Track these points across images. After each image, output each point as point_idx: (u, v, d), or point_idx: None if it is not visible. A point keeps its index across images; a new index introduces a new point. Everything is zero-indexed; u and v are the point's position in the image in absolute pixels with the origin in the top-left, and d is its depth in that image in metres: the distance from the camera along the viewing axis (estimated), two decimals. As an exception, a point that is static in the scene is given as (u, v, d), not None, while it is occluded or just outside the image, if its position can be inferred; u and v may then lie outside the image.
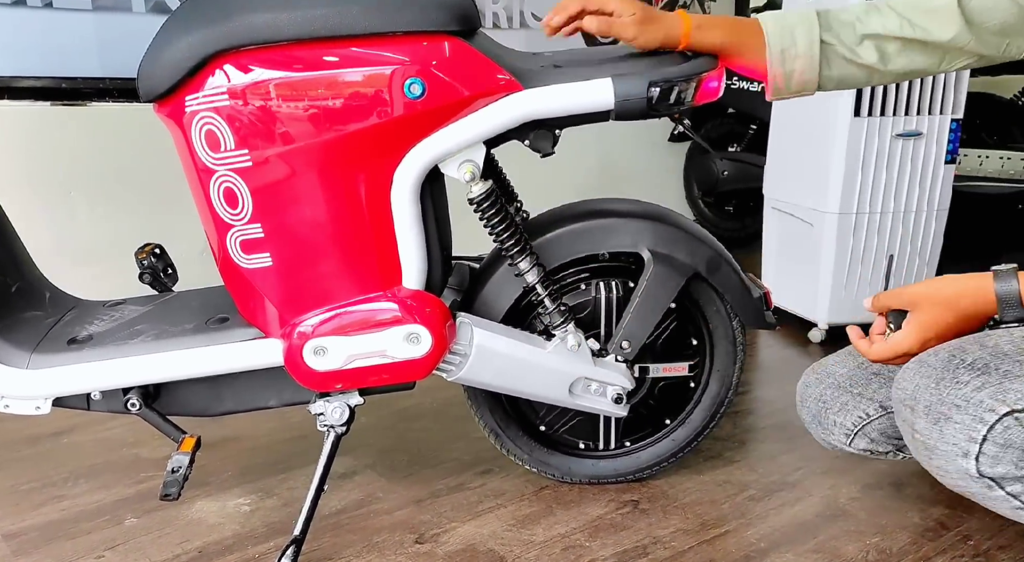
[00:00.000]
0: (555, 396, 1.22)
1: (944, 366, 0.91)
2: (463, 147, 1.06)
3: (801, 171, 2.06)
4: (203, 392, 1.17)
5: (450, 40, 1.01)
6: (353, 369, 1.10)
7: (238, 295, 1.14)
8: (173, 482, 1.11)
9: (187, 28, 0.98)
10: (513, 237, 1.14)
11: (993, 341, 0.92)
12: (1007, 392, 0.86)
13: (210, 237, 1.11)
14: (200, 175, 1.04)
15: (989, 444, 0.86)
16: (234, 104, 0.99)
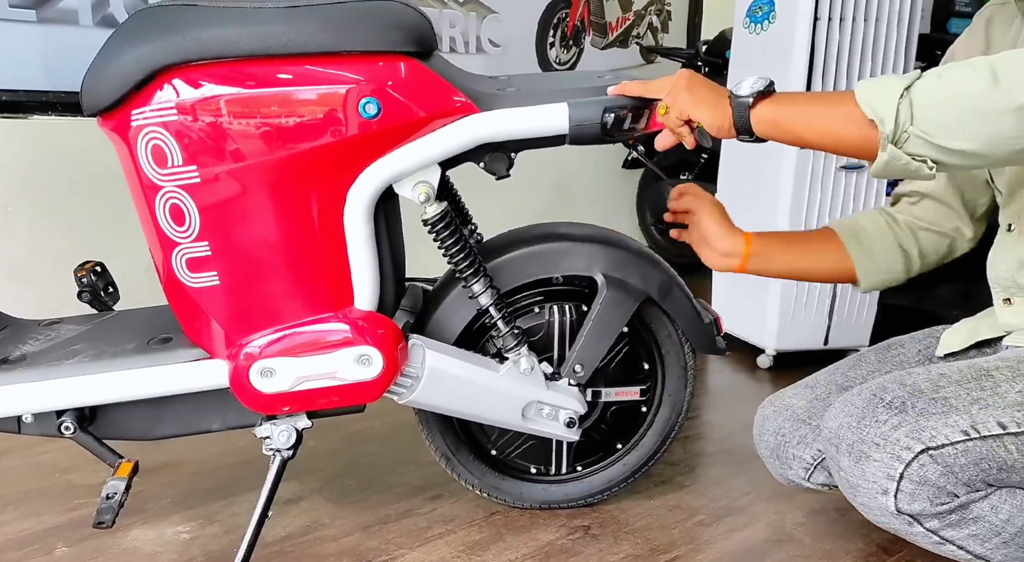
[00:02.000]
0: (507, 420, 1.21)
1: (865, 405, 0.94)
2: (418, 168, 1.05)
3: (751, 200, 2.11)
4: (143, 415, 1.13)
5: (406, 61, 1.01)
6: (302, 391, 1.07)
7: (182, 315, 1.11)
8: (107, 509, 1.06)
9: (135, 41, 0.96)
10: (467, 259, 1.14)
11: (912, 379, 0.95)
12: (922, 430, 0.89)
13: (154, 255, 1.08)
14: (145, 191, 1.01)
15: (906, 481, 0.89)
16: (183, 119, 0.97)
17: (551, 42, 2.91)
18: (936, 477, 0.90)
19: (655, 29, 3.20)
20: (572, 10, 2.93)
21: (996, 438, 0.89)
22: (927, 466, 0.90)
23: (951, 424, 0.90)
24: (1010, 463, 0.90)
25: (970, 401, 0.91)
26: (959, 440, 0.89)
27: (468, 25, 2.70)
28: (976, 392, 0.92)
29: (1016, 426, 0.89)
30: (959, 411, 0.90)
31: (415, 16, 1.01)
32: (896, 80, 0.82)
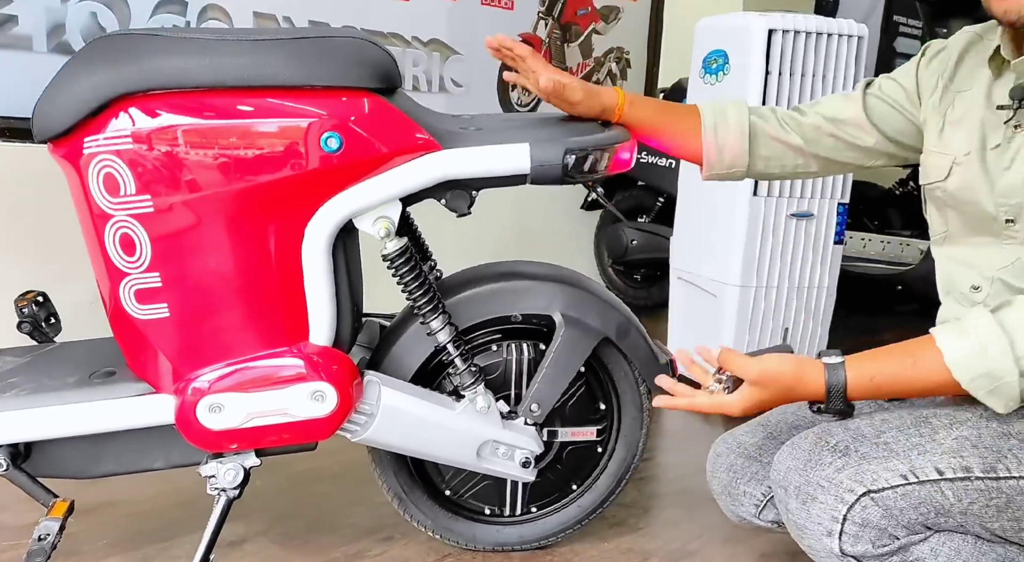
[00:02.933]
0: (463, 459, 1.19)
1: (812, 448, 0.96)
2: (379, 203, 1.04)
3: (705, 244, 2.15)
4: (81, 452, 1.08)
5: (370, 97, 1.01)
6: (251, 428, 1.04)
7: (128, 347, 1.07)
8: (39, 551, 1.00)
9: (93, 68, 0.94)
10: (426, 295, 1.13)
11: (856, 424, 0.98)
12: (864, 473, 0.91)
13: (101, 285, 1.05)
14: (95, 220, 0.99)
15: (849, 523, 0.91)
16: (138, 148, 0.95)
17: (513, 84, 2.96)
18: (877, 519, 0.92)
19: (614, 75, 3.28)
20: (534, 55, 2.99)
21: (933, 483, 0.91)
22: (868, 508, 0.92)
23: (891, 468, 0.92)
24: (947, 507, 0.92)
25: (909, 446, 0.93)
26: (898, 484, 0.91)
27: (431, 65, 2.73)
28: (915, 438, 0.94)
29: (952, 472, 0.91)
30: (899, 456, 0.93)
31: (379, 53, 1.02)
32: (1000, 357, 0.84)
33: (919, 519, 0.92)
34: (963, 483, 0.91)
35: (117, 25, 2.08)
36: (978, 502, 0.91)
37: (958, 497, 0.91)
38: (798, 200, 2.05)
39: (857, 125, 1.19)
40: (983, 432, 0.93)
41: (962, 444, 0.92)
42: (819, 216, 2.07)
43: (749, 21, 1.97)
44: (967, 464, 0.91)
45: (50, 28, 1.99)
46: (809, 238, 2.08)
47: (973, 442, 0.92)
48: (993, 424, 0.93)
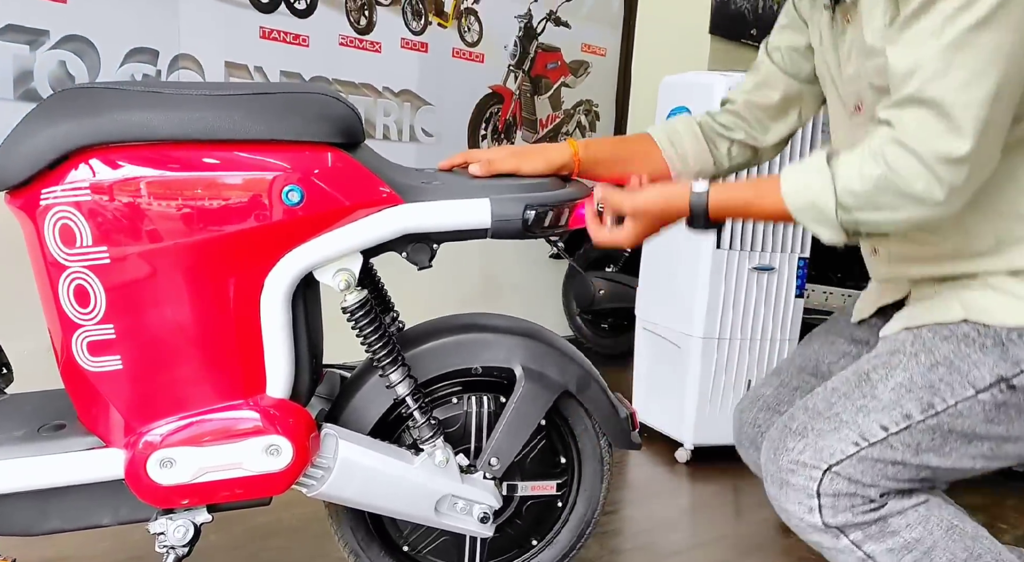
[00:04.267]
0: (421, 514, 1.17)
1: (779, 436, 1.03)
2: (339, 256, 1.05)
3: (670, 296, 2.18)
4: (26, 508, 1.04)
5: (332, 151, 1.02)
6: (203, 483, 1.02)
7: (79, 399, 1.06)
8: None
9: (53, 120, 0.95)
10: (385, 347, 1.13)
11: (813, 401, 1.04)
12: (822, 450, 0.98)
13: (54, 336, 1.03)
14: (49, 270, 0.98)
15: (824, 498, 0.97)
16: (97, 199, 0.95)
17: (483, 135, 3.01)
18: (846, 488, 0.97)
19: (583, 127, 3.36)
20: (504, 106, 3.06)
21: (882, 441, 0.96)
22: (835, 481, 0.97)
23: (843, 438, 0.97)
24: (899, 459, 0.97)
25: (855, 410, 0.99)
26: (853, 452, 0.97)
27: (403, 114, 2.78)
28: (860, 400, 0.99)
29: (895, 425, 0.96)
30: (848, 425, 0.98)
31: (342, 108, 1.04)
32: (822, 191, 0.93)
33: (881, 476, 0.97)
34: (907, 431, 0.96)
35: (86, 73, 2.09)
36: (924, 442, 0.96)
37: (906, 444, 0.96)
38: (759, 254, 2.09)
39: (776, 84, 1.26)
40: (914, 372, 0.97)
41: (899, 393, 0.97)
42: (780, 269, 2.12)
43: (712, 80, 2.04)
44: (907, 411, 0.96)
45: (17, 75, 2.00)
46: (771, 291, 2.12)
47: (907, 386, 0.97)
48: (921, 357, 0.98)
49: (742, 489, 2.06)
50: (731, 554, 1.64)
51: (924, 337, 0.99)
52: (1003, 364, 0.93)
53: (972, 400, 0.95)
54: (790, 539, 1.73)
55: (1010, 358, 0.93)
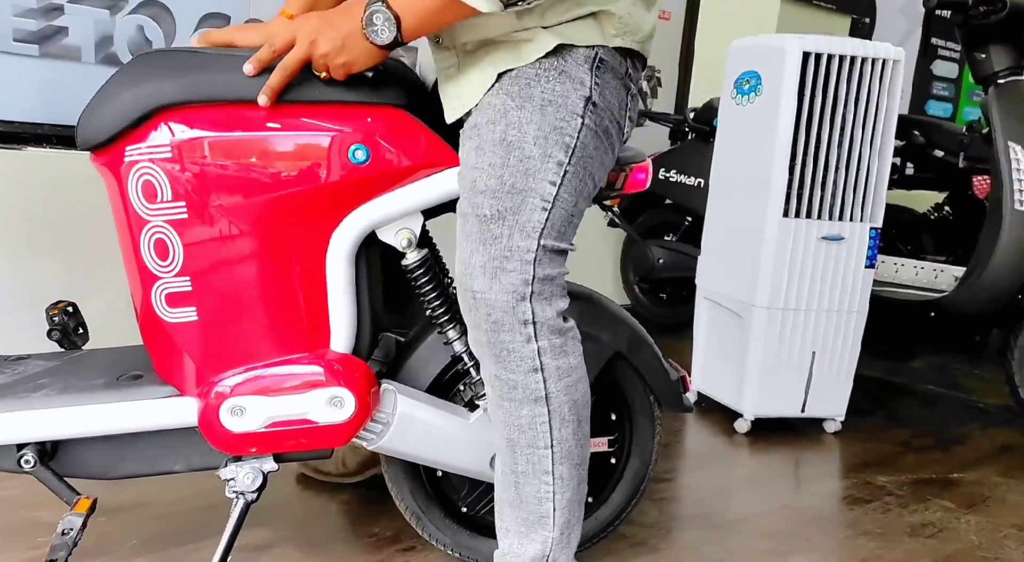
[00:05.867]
0: (476, 468, 1.20)
1: (479, 231, 1.00)
2: (401, 214, 1.08)
3: (733, 265, 2.13)
4: (105, 453, 1.11)
5: (396, 112, 1.06)
6: (271, 432, 1.07)
7: (156, 351, 1.11)
8: (61, 546, 1.03)
9: (136, 81, 1.00)
10: (444, 305, 1.16)
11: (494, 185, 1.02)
12: (525, 228, 0.99)
13: (133, 290, 1.09)
14: (131, 225, 1.03)
15: (536, 283, 0.99)
16: (176, 157, 1.00)
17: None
18: (550, 269, 1.01)
19: (644, 94, 3.29)
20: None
21: (558, 200, 1.01)
22: (542, 261, 1.00)
23: (534, 206, 1.00)
24: (571, 206, 1.02)
25: (526, 175, 0.99)
26: (544, 216, 1.00)
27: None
28: (522, 165, 0.99)
29: (556, 175, 1.00)
30: (530, 191, 0.99)
31: (406, 72, 1.08)
32: None
33: (572, 231, 1.04)
34: (566, 176, 1.01)
35: (163, 38, 2.15)
36: (573, 182, 1.02)
37: (568, 191, 1.01)
38: (828, 223, 2.02)
39: None
40: (542, 120, 0.99)
41: (544, 144, 0.99)
42: (850, 239, 2.05)
43: (784, 43, 1.96)
44: (557, 158, 0.99)
45: (98, 40, 2.06)
46: (839, 261, 2.05)
47: (545, 134, 0.98)
48: (541, 107, 0.99)
49: (804, 461, 2.03)
50: (793, 524, 1.62)
51: (510, 90, 0.99)
52: (578, 87, 0.99)
53: (583, 128, 1.00)
54: (855, 511, 1.70)
55: (575, 80, 0.99)
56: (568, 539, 1.10)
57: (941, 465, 2.02)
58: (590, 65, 1.01)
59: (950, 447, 2.17)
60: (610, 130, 1.06)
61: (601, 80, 1.02)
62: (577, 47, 1.00)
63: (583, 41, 1.00)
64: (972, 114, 4.74)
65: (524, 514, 1.08)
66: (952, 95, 4.74)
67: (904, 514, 1.70)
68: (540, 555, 1.09)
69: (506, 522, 1.11)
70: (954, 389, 2.77)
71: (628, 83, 1.08)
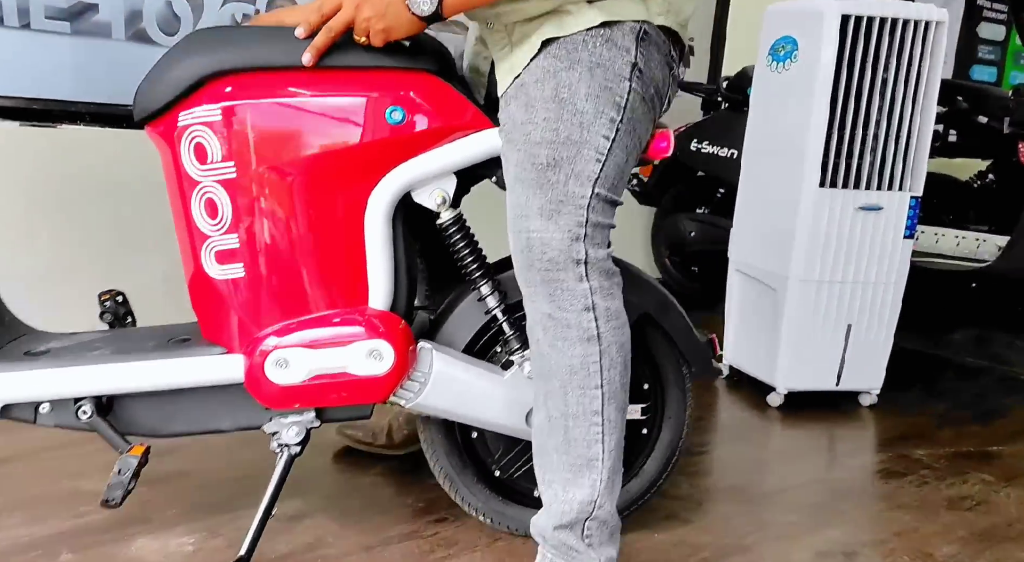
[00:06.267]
0: (512, 425, 1.26)
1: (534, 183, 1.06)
2: (436, 174, 1.16)
3: (766, 236, 2.13)
4: (156, 411, 1.19)
5: (430, 77, 1.14)
6: (313, 385, 1.14)
7: (204, 310, 1.19)
8: (118, 484, 1.11)
9: (189, 53, 1.10)
10: (476, 261, 1.23)
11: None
12: (581, 175, 1.04)
13: (184, 251, 1.17)
14: (183, 187, 1.12)
15: (589, 226, 1.05)
16: (226, 119, 1.09)
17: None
18: (602, 217, 1.07)
19: (677, 71, 3.24)
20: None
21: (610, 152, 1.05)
22: (595, 208, 1.05)
23: (587, 157, 1.05)
24: (623, 160, 1.08)
25: (580, 126, 1.04)
26: (599, 167, 1.05)
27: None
28: (576, 119, 1.04)
29: (610, 130, 1.05)
30: (586, 142, 1.04)
31: (437, 43, 1.17)
32: None
33: (622, 186, 1.10)
34: (618, 133, 1.05)
35: (191, 13, 2.18)
36: (624, 140, 1.07)
37: (619, 147, 1.06)
38: (866, 193, 2.00)
39: None
40: (592, 80, 1.03)
41: (596, 101, 1.03)
42: (889, 209, 2.03)
43: (822, 6, 1.94)
44: (609, 115, 1.04)
45: (128, 16, 2.11)
46: (877, 232, 2.04)
47: (596, 93, 1.03)
48: (590, 69, 1.04)
49: (838, 435, 2.04)
50: (826, 497, 1.64)
51: (557, 54, 1.04)
52: (624, 54, 1.04)
53: (631, 91, 1.05)
54: (891, 484, 1.71)
55: (621, 48, 1.04)
56: (612, 486, 1.13)
57: (980, 438, 2.02)
58: (635, 36, 1.06)
59: (989, 420, 2.17)
60: (653, 100, 1.11)
61: (646, 52, 1.07)
62: (623, 21, 1.05)
63: (628, 16, 1.06)
64: (1019, 78, 4.61)
65: (572, 459, 1.11)
66: (998, 59, 4.62)
67: (941, 487, 1.71)
68: (588, 500, 1.11)
69: (550, 472, 1.13)
70: (994, 361, 2.75)
71: (670, 61, 1.13)
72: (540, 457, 1.15)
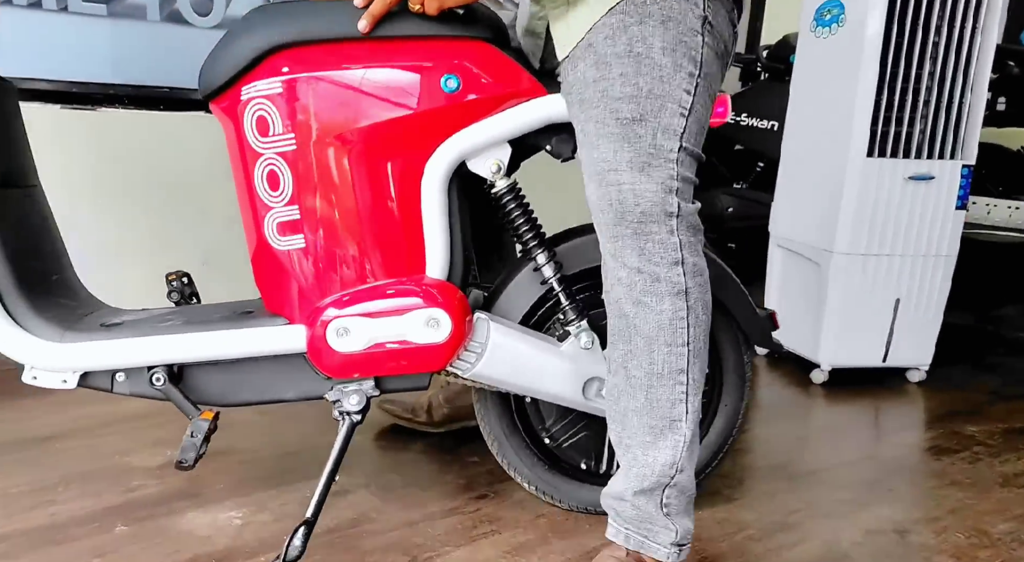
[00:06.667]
0: (569, 396, 1.29)
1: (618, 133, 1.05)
2: (491, 143, 1.19)
3: (810, 210, 2.10)
4: (223, 380, 1.24)
5: (485, 46, 1.17)
6: (373, 354, 1.18)
7: (266, 282, 1.24)
8: (190, 447, 1.17)
9: (250, 30, 1.15)
10: (532, 230, 1.26)
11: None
12: (667, 129, 1.05)
13: (247, 224, 1.22)
14: (246, 159, 1.17)
15: (679, 181, 1.06)
16: (287, 92, 1.14)
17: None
18: (688, 171, 1.07)
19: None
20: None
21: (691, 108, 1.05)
22: (683, 162, 1.06)
23: (672, 111, 1.04)
24: (703, 115, 1.08)
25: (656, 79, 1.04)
26: (682, 123, 1.05)
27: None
28: (655, 73, 1.03)
29: (691, 84, 1.04)
30: (668, 95, 1.04)
31: (491, 11, 1.20)
32: None
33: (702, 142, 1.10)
34: (697, 88, 1.05)
35: (224, -6, 2.18)
36: (703, 95, 1.07)
37: (700, 102, 1.07)
38: (916, 162, 1.96)
39: None
40: (665, 34, 1.03)
41: (672, 55, 1.03)
42: (940, 178, 1.98)
43: (869, -33, 1.87)
44: (688, 69, 1.04)
45: (161, -3, 2.10)
46: (928, 202, 2.01)
47: (672, 47, 1.04)
48: (662, 23, 1.03)
49: (885, 411, 2.02)
50: (875, 474, 1.64)
51: (625, 10, 1.04)
52: (694, 8, 1.04)
53: (704, 45, 1.05)
54: (942, 461, 1.70)
55: (690, 1, 1.04)
56: (693, 451, 1.12)
57: (1035, 414, 1.97)
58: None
59: (1045, 396, 2.12)
60: (723, 57, 1.12)
61: (713, 6, 1.07)
62: None
63: None
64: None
65: (653, 420, 1.09)
66: (1051, 22, 4.44)
67: (995, 464, 1.69)
68: (670, 462, 1.09)
69: (628, 436, 1.12)
70: (1049, 336, 2.68)
71: (733, 18, 1.14)
72: (617, 422, 1.14)
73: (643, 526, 1.12)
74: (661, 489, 1.10)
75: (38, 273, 1.24)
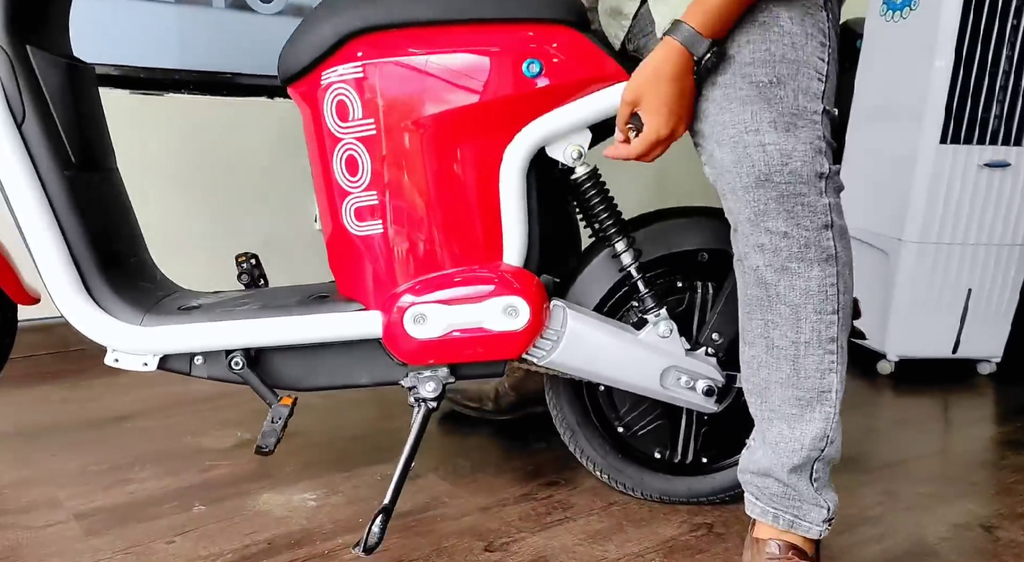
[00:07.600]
0: (646, 385, 1.25)
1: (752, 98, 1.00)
2: (571, 129, 1.15)
3: (877, 198, 2.03)
4: (299, 364, 1.23)
5: (566, 29, 1.13)
6: (449, 340, 1.16)
7: (342, 267, 1.22)
8: (271, 432, 1.17)
9: (330, 14, 1.12)
10: (612, 217, 1.23)
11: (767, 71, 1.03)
12: (807, 91, 1.00)
13: (324, 209, 1.21)
14: (325, 144, 1.15)
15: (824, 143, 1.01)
16: (367, 76, 1.11)
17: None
18: (829, 134, 1.01)
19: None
20: None
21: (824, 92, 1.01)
22: (825, 124, 1.00)
23: (810, 77, 1.00)
24: (834, 89, 1.03)
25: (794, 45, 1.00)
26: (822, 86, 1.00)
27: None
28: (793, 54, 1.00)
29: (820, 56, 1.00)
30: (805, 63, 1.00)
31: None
32: None
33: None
34: (830, 55, 1.01)
35: (289, -19, 2.17)
36: (833, 65, 1.02)
37: (832, 70, 1.02)
38: (992, 148, 1.88)
39: None
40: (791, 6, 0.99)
41: (801, 23, 0.99)
42: (1017, 165, 1.90)
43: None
44: (818, 38, 0.99)
45: (226, -15, 2.10)
46: (1003, 190, 1.94)
47: (800, 16, 0.99)
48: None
49: (956, 403, 1.95)
50: (954, 468, 1.57)
51: None
52: None
53: (829, 14, 1.01)
54: (1022, 456, 1.60)
55: None
56: (840, 424, 1.06)
57: (1115, 408, 1.89)
58: None
59: (1125, 390, 2.03)
60: (839, 37, 1.07)
61: None
62: None
63: None
64: None
65: (800, 392, 1.04)
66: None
67: (1073, 460, 1.61)
68: (820, 434, 1.04)
69: (769, 408, 1.07)
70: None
71: None
72: (756, 395, 1.08)
73: (792, 504, 1.07)
74: (811, 464, 1.05)
75: (118, 256, 1.24)
